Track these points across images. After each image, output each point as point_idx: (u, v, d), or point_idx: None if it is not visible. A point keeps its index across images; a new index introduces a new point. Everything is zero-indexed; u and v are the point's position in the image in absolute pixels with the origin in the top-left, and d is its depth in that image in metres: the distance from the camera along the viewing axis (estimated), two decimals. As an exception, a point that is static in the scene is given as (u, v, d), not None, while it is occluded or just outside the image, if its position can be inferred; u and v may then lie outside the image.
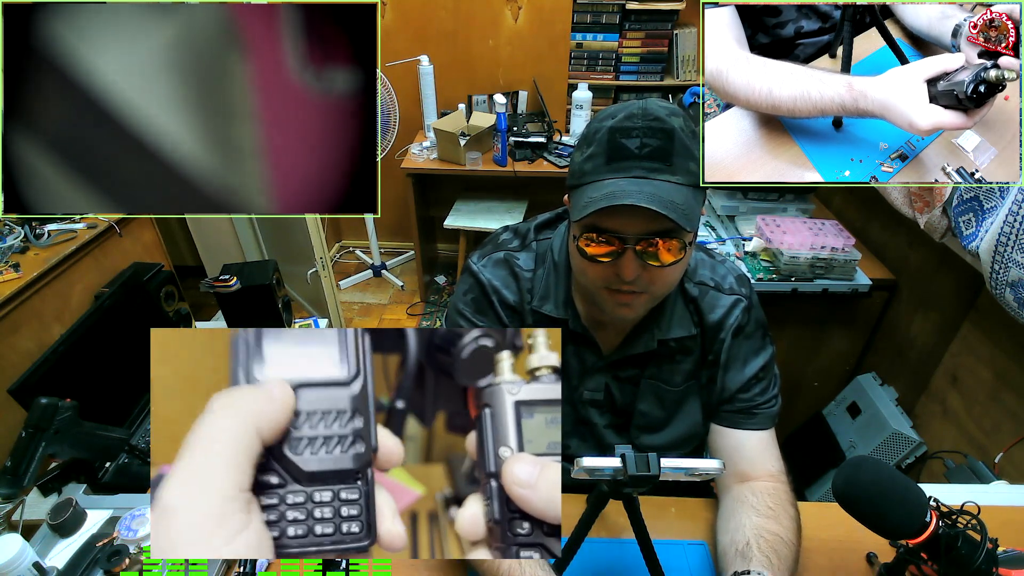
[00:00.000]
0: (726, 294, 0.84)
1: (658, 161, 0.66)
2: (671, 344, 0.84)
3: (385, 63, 2.60)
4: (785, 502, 0.77)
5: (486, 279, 0.85)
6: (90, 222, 1.66)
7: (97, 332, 1.28)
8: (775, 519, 0.73)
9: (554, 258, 0.85)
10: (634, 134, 0.66)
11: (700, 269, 0.86)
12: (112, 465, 1.23)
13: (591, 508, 0.67)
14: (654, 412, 0.86)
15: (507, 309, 0.85)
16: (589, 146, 0.70)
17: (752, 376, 0.84)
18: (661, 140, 0.66)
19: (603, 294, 0.73)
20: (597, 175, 0.68)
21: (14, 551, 0.72)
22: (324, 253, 2.18)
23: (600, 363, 0.85)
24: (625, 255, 0.68)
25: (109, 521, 0.85)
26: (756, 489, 0.78)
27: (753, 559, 0.68)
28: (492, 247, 0.89)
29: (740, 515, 0.75)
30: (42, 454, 0.90)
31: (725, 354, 0.83)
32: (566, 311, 0.83)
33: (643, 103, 0.67)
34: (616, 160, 0.67)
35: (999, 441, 1.37)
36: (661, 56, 2.76)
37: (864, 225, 1.88)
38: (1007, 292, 1.16)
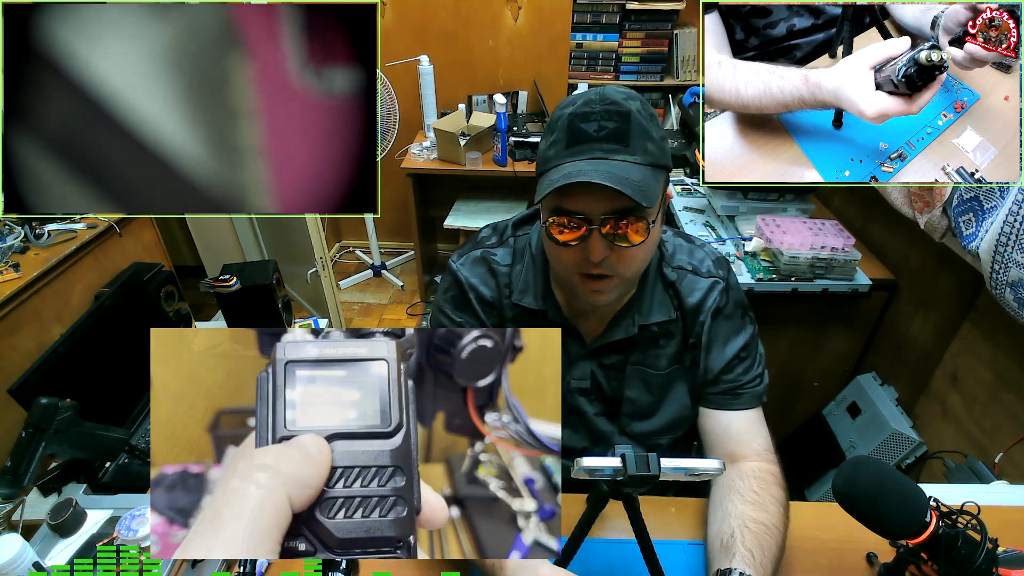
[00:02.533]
0: (703, 277, 0.86)
1: (615, 142, 0.69)
2: (653, 329, 0.85)
3: (385, 63, 2.60)
4: (771, 484, 0.78)
5: (464, 277, 0.88)
6: (90, 222, 1.66)
7: (97, 332, 1.28)
8: (760, 505, 0.74)
9: (532, 252, 0.87)
10: (592, 118, 0.69)
11: (678, 254, 0.88)
12: (112, 465, 1.23)
13: (591, 508, 0.66)
14: (642, 398, 0.88)
15: (484, 305, 0.88)
16: (552, 133, 0.73)
17: (733, 356, 0.85)
18: (618, 122, 0.69)
19: (576, 280, 0.75)
20: (558, 159, 0.70)
21: (14, 551, 0.72)
22: (324, 253, 2.18)
23: (584, 351, 0.87)
24: (591, 237, 0.70)
25: (109, 521, 0.85)
26: (743, 472, 0.79)
27: (736, 555, 0.68)
28: (471, 245, 0.92)
29: (727, 503, 0.76)
30: (42, 454, 0.90)
31: (706, 336, 0.85)
32: (545, 303, 0.85)
33: (601, 89, 0.71)
34: (575, 144, 0.70)
35: (999, 441, 1.37)
36: (661, 56, 2.75)
37: (864, 225, 1.88)
38: (1007, 292, 1.16)
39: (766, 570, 0.67)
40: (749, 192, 1.85)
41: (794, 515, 0.78)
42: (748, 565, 0.66)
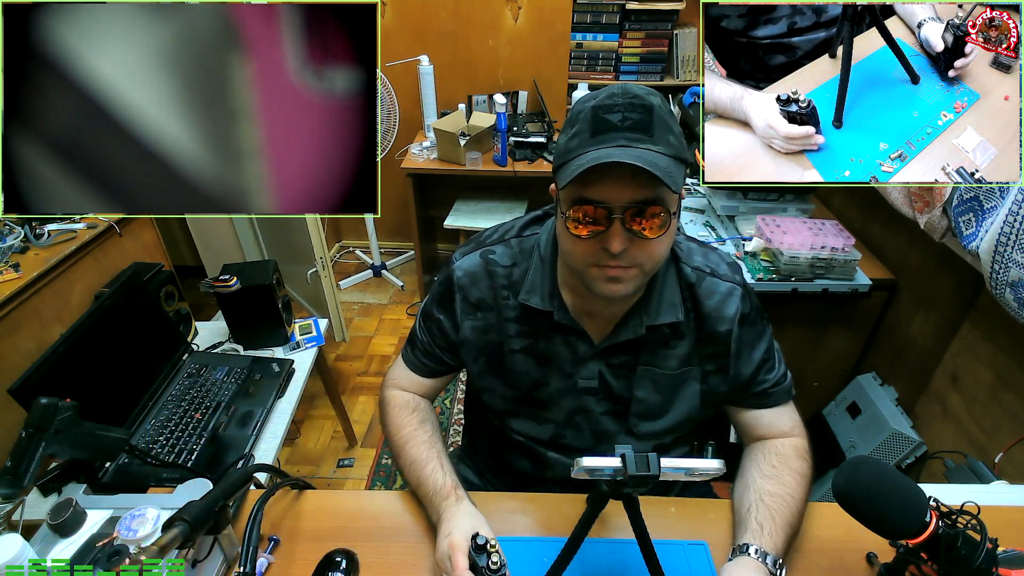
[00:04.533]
0: (723, 280, 0.87)
1: (639, 132, 0.69)
2: (664, 330, 0.86)
3: (385, 63, 2.60)
4: (791, 457, 0.85)
5: (456, 277, 0.89)
6: (90, 222, 1.66)
7: (97, 332, 1.28)
8: (777, 479, 0.81)
9: (540, 252, 0.87)
10: (616, 109, 0.70)
11: (694, 256, 0.89)
12: (112, 465, 1.23)
13: (591, 508, 0.66)
14: (652, 398, 0.88)
15: (468, 306, 0.89)
16: (573, 126, 0.73)
17: (760, 360, 0.88)
18: (641, 114, 0.69)
19: (592, 272, 0.75)
20: (582, 148, 0.70)
21: (14, 551, 0.72)
22: (324, 253, 2.18)
23: (592, 351, 0.87)
24: (612, 227, 0.70)
25: (109, 521, 0.85)
26: (768, 448, 0.87)
27: (748, 530, 0.75)
28: (474, 244, 0.92)
29: (747, 476, 0.84)
30: (42, 454, 0.90)
31: (735, 344, 0.86)
32: (551, 303, 0.85)
33: (622, 84, 0.72)
34: (600, 133, 0.70)
35: (999, 441, 1.37)
36: (661, 56, 2.75)
37: (864, 225, 1.88)
38: (1007, 292, 1.16)
39: (775, 538, 0.74)
40: (749, 192, 1.85)
41: (794, 515, 0.78)
42: (756, 538, 0.74)
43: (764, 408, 0.90)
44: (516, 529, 0.85)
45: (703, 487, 1.06)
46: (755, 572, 0.70)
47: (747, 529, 0.75)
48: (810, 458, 0.86)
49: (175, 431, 1.34)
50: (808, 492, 0.82)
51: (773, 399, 0.90)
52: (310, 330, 1.71)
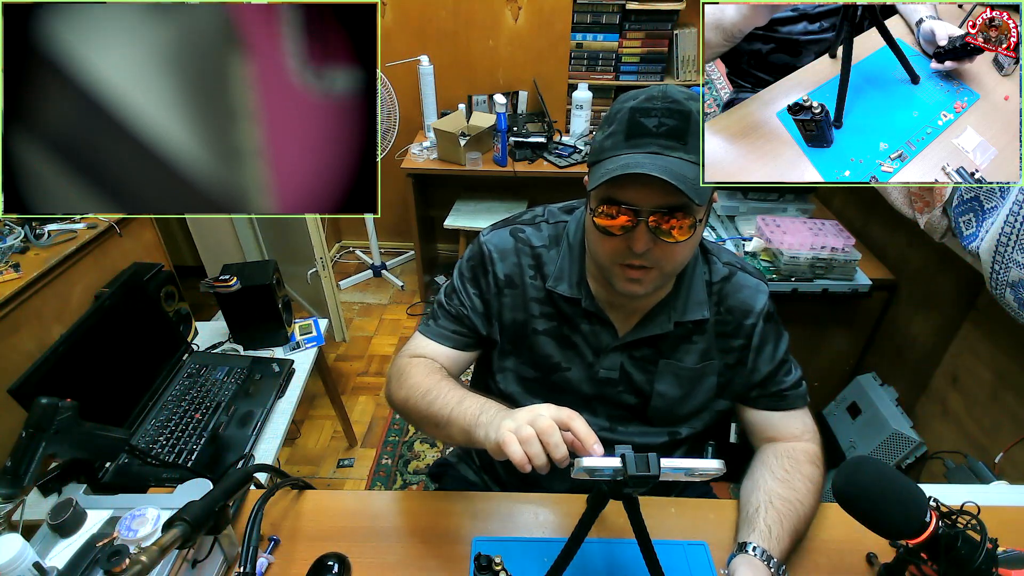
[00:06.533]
0: (752, 275, 0.89)
1: (674, 139, 0.70)
2: (689, 326, 0.87)
3: (385, 63, 2.60)
4: (802, 463, 0.83)
5: (488, 250, 0.90)
6: (90, 222, 1.66)
7: (97, 332, 1.28)
8: (788, 483, 0.80)
9: (569, 240, 0.89)
10: (653, 114, 0.71)
11: (723, 252, 0.91)
12: (112, 465, 1.23)
13: (591, 508, 0.66)
14: (671, 392, 0.90)
15: (497, 281, 0.89)
16: (610, 125, 0.74)
17: (780, 360, 0.89)
18: (678, 121, 0.70)
19: (615, 270, 0.77)
20: (615, 150, 0.72)
21: (14, 551, 0.71)
22: (324, 253, 2.18)
23: (615, 343, 0.87)
24: (638, 228, 0.72)
25: (109, 521, 0.85)
26: (779, 451, 0.86)
27: (755, 530, 0.75)
28: (503, 223, 0.94)
29: (757, 476, 0.83)
30: (42, 454, 0.90)
31: (757, 338, 0.88)
32: (579, 291, 0.86)
33: (663, 87, 0.73)
34: (634, 137, 0.71)
35: (999, 441, 1.37)
36: (661, 56, 2.75)
37: (864, 225, 1.88)
38: (1007, 292, 1.16)
39: (781, 543, 0.74)
40: (749, 192, 1.85)
41: (794, 515, 0.78)
42: (764, 539, 0.73)
43: (778, 410, 0.91)
44: (516, 529, 0.85)
45: (703, 487, 1.07)
46: (762, 574, 0.70)
47: (755, 529, 0.75)
48: (822, 465, 0.86)
49: (175, 431, 1.34)
50: (818, 501, 0.81)
51: (788, 402, 0.91)
52: (310, 330, 1.71)
